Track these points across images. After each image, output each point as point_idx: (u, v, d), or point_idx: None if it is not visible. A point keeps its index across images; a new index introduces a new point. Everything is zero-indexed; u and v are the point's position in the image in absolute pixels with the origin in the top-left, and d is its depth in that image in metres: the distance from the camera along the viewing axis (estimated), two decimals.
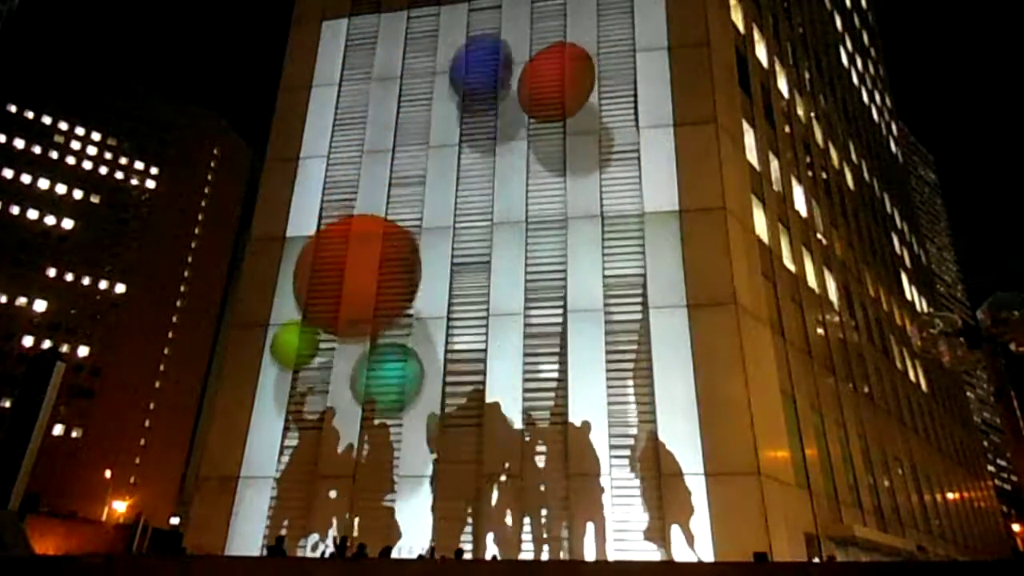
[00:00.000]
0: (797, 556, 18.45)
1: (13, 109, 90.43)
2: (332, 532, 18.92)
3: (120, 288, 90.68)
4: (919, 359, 40.80)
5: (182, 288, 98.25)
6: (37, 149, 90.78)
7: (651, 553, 17.31)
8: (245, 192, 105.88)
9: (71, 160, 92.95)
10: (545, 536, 18.10)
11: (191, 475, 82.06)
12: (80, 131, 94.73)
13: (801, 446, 21.62)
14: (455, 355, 20.89)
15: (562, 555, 17.69)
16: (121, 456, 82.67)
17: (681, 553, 17.03)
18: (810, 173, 31.79)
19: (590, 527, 17.81)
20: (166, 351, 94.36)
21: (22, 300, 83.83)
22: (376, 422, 20.66)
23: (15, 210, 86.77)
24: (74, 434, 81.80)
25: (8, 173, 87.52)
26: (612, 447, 18.64)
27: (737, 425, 18.17)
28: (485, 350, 20.59)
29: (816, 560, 19.91)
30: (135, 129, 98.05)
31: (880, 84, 55.92)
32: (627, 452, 18.57)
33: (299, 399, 21.48)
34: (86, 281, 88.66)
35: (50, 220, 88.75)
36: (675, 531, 17.34)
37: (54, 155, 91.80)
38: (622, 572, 14.75)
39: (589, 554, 17.46)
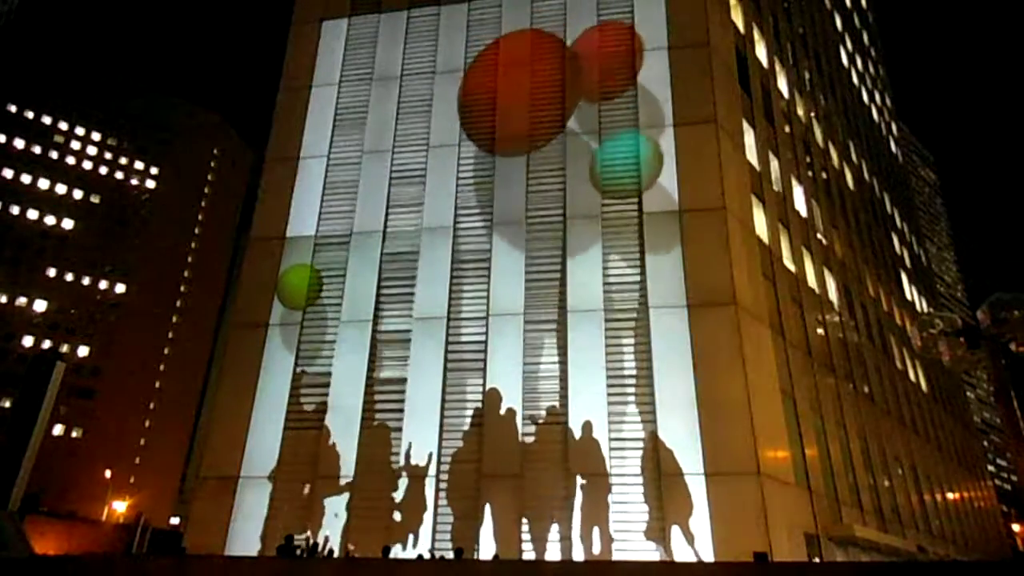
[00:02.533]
0: (797, 556, 18.45)
1: (13, 109, 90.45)
2: (307, 535, 18.93)
3: (120, 288, 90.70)
4: (919, 359, 40.80)
5: (182, 288, 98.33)
6: (37, 149, 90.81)
7: (651, 553, 17.31)
8: (245, 192, 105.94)
9: (71, 160, 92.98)
10: (545, 536, 18.10)
11: (191, 475, 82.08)
12: (80, 131, 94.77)
13: (801, 446, 21.62)
14: (455, 355, 20.89)
15: (562, 555, 17.69)
16: (121, 456, 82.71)
17: (681, 553, 17.03)
18: (810, 173, 31.80)
19: (590, 527, 17.80)
20: (166, 351, 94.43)
21: (22, 300, 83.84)
22: (376, 422, 20.67)
23: (15, 210, 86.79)
24: (74, 434, 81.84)
25: (8, 173, 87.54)
26: (612, 447, 18.64)
27: (737, 425, 18.16)
28: (485, 350, 20.60)
29: (816, 560, 19.92)
30: (135, 129, 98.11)
31: (880, 84, 55.93)
32: (627, 452, 18.56)
33: (299, 399, 21.48)
34: (86, 281, 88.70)
35: (50, 220, 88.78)
36: (675, 531, 17.34)
37: (54, 155, 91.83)
38: (622, 572, 14.74)
39: (589, 554, 17.46)
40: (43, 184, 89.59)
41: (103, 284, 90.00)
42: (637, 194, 21.05)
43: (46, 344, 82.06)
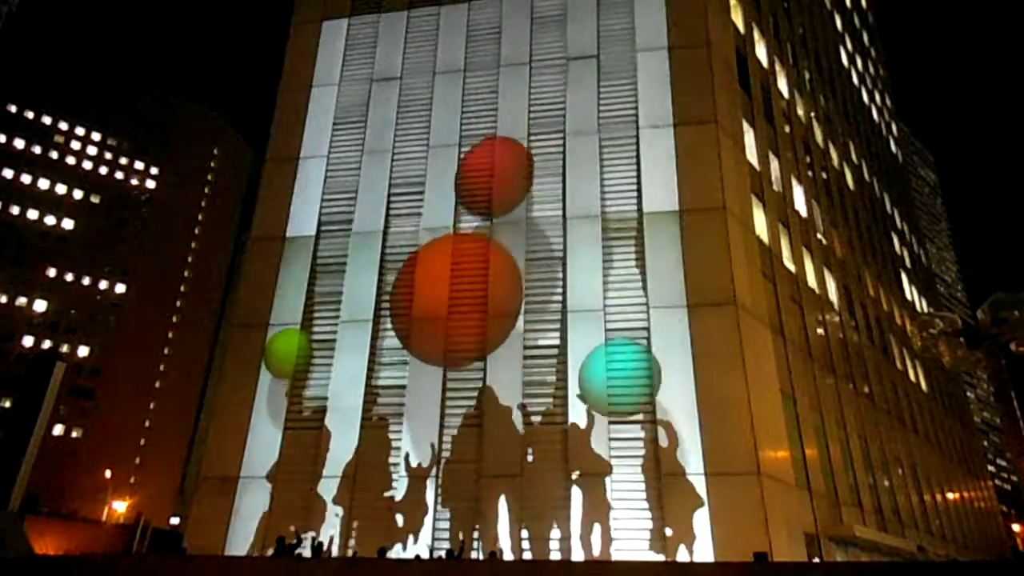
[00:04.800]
0: (797, 556, 18.45)
1: (13, 109, 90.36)
2: (311, 534, 18.96)
3: (120, 288, 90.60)
4: (919, 359, 40.79)
5: (182, 288, 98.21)
6: (37, 149, 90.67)
7: (651, 553, 17.32)
8: (245, 192, 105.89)
9: (71, 160, 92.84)
10: (545, 536, 18.09)
11: (191, 475, 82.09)
12: (80, 131, 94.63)
13: (801, 446, 21.61)
14: (455, 355, 20.87)
15: (562, 555, 17.68)
16: (121, 456, 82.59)
17: (681, 553, 17.03)
18: (810, 173, 31.79)
19: (590, 527, 17.81)
20: (166, 351, 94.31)
21: (22, 300, 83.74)
22: (376, 422, 20.66)
23: (15, 210, 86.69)
24: (74, 434, 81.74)
25: (8, 173, 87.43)
26: (612, 447, 18.64)
27: (737, 425, 18.16)
28: (485, 350, 20.58)
29: (816, 560, 19.91)
30: (135, 129, 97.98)
31: (880, 84, 55.91)
32: (627, 452, 18.56)
33: (299, 399, 21.47)
34: (86, 281, 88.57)
35: (50, 220, 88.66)
36: (675, 531, 17.34)
37: (54, 155, 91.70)
38: (622, 572, 14.76)
39: (589, 554, 17.46)
40: (43, 184, 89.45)
41: (103, 284, 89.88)
42: (646, 408, 18.99)
43: (46, 344, 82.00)
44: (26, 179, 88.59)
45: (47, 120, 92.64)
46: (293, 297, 22.74)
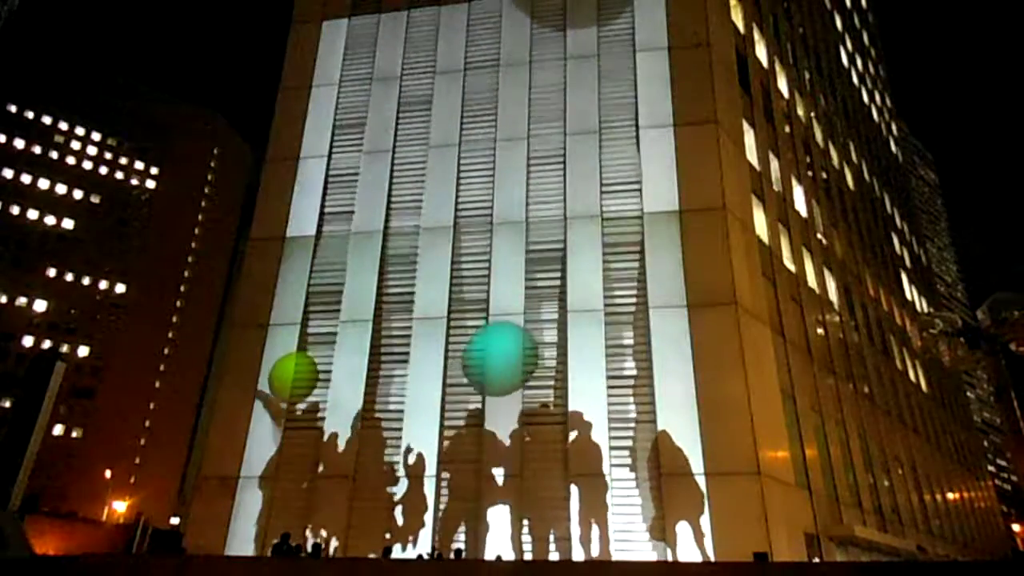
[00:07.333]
0: (797, 556, 18.45)
1: (13, 109, 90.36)
2: (308, 534, 19.02)
3: (120, 288, 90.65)
4: (919, 359, 40.81)
5: (182, 288, 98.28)
6: (37, 149, 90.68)
7: (651, 553, 17.32)
8: (245, 192, 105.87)
9: (71, 160, 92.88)
10: (545, 536, 18.09)
11: (191, 475, 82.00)
12: (80, 131, 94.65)
13: (801, 446, 21.61)
14: (455, 355, 20.88)
15: (562, 555, 17.68)
16: (121, 456, 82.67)
17: (681, 553, 17.03)
18: (810, 173, 31.79)
19: (590, 527, 17.81)
20: (166, 351, 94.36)
21: (22, 300, 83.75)
22: (376, 422, 20.65)
23: (15, 210, 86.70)
24: (74, 434, 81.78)
25: (8, 173, 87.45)
26: (612, 447, 18.64)
27: (737, 425, 18.16)
28: (485, 350, 20.58)
29: (816, 560, 19.91)
30: (135, 129, 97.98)
31: (880, 84, 55.91)
32: (627, 452, 18.56)
33: (299, 399, 21.46)
34: (86, 281, 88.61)
35: (50, 220, 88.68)
36: (675, 531, 17.34)
37: (54, 155, 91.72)
38: (622, 572, 14.74)
39: (589, 554, 17.46)
40: (43, 184, 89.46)
41: (103, 284, 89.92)
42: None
43: (46, 344, 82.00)
44: (26, 179, 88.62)
45: (47, 120, 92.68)
46: (293, 297, 22.73)
